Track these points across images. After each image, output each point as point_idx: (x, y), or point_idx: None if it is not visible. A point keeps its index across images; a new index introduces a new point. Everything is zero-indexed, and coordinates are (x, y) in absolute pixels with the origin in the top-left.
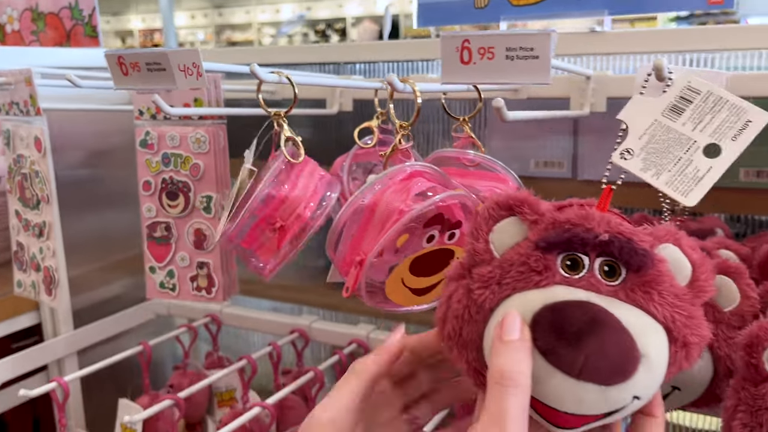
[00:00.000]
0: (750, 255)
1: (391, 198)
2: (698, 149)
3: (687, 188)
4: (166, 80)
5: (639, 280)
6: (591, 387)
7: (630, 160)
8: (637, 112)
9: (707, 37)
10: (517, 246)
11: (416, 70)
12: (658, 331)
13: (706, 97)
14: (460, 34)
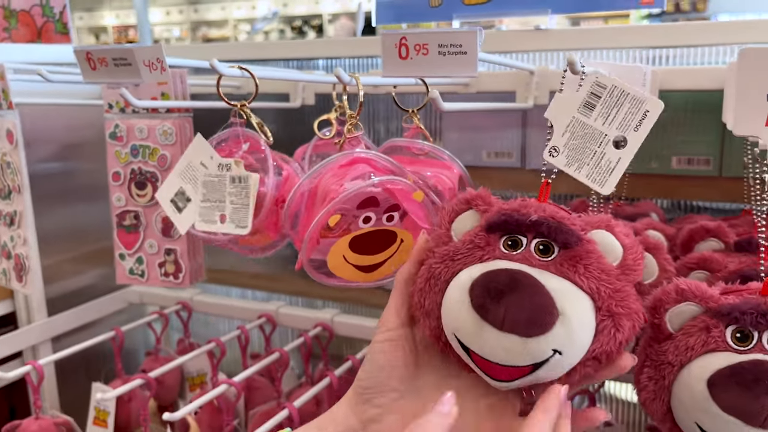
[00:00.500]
0: (675, 235)
1: (329, 181)
2: (609, 142)
3: (603, 179)
4: (132, 74)
5: (568, 256)
6: (513, 338)
7: (557, 157)
8: (559, 110)
9: (642, 34)
10: (470, 231)
11: (379, 65)
12: (581, 297)
13: (611, 91)
14: (399, 32)
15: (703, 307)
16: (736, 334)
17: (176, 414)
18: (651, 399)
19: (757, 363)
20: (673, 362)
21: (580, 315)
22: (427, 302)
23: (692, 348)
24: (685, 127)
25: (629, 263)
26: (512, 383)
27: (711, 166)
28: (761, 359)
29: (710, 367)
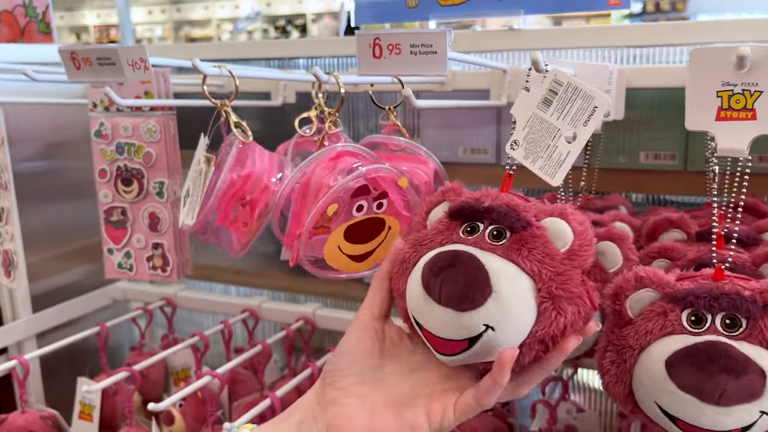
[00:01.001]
0: (641, 226)
1: (320, 174)
2: (561, 136)
3: (553, 171)
4: (115, 74)
5: (515, 240)
6: (449, 312)
7: (517, 150)
8: (522, 107)
9: (610, 34)
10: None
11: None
12: (520, 278)
13: (567, 87)
14: (373, 33)
15: (661, 293)
16: (691, 318)
17: (160, 404)
18: (613, 382)
19: (710, 344)
20: (633, 346)
21: (515, 294)
22: (400, 285)
23: (651, 332)
24: (652, 124)
25: (576, 249)
26: (454, 357)
27: (676, 161)
28: (714, 340)
29: (668, 349)
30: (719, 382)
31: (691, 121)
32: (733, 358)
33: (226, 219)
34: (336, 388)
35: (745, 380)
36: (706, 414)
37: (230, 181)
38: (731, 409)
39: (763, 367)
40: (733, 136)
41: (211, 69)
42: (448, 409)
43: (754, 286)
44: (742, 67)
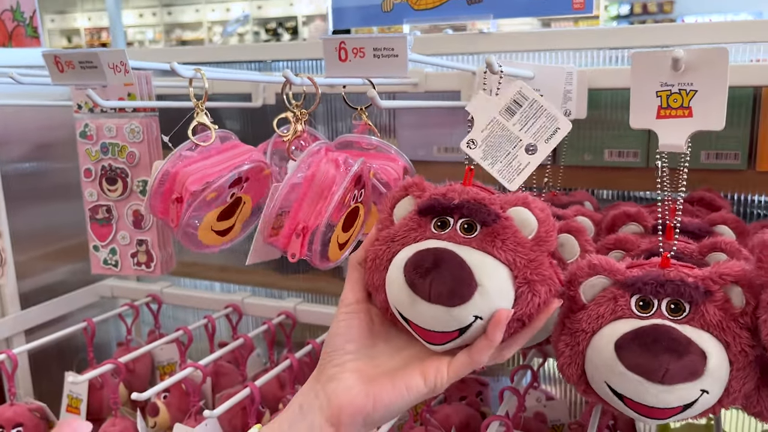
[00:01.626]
0: (602, 220)
1: (326, 168)
2: (522, 147)
3: (512, 177)
4: (97, 76)
5: (487, 232)
6: (440, 308)
7: (474, 149)
8: (482, 108)
9: (570, 37)
10: (406, 215)
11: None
12: (499, 268)
13: (532, 103)
14: (338, 37)
15: (612, 279)
16: (639, 303)
17: (143, 394)
18: (567, 364)
19: (655, 327)
20: (586, 329)
21: (497, 285)
22: (375, 279)
23: (602, 316)
24: (615, 123)
25: (542, 235)
26: (445, 346)
27: (639, 158)
28: (659, 323)
29: (617, 332)
30: (663, 362)
31: (635, 120)
32: (675, 340)
33: (165, 214)
34: (333, 366)
35: (687, 360)
36: (651, 392)
37: (163, 173)
38: (674, 388)
39: (703, 349)
40: (673, 133)
41: (189, 72)
42: (441, 368)
43: (697, 274)
44: (677, 68)
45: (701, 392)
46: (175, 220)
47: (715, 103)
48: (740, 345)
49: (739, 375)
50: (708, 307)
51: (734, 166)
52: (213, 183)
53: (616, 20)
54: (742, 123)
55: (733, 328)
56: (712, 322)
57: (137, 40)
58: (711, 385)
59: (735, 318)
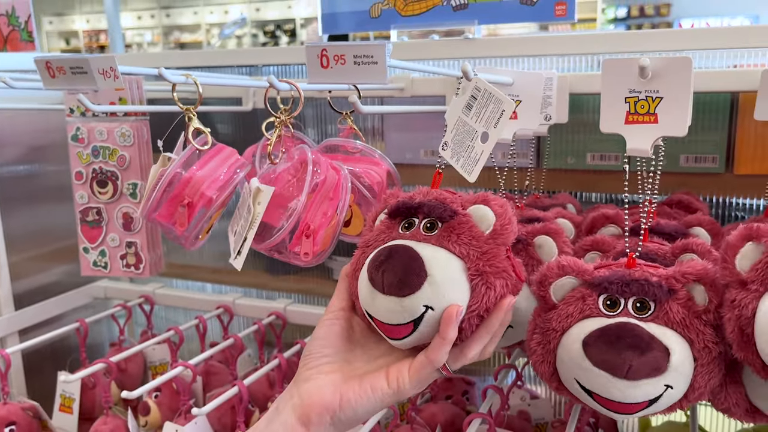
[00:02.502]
0: (582, 222)
1: (333, 174)
2: (478, 137)
3: (471, 168)
4: (87, 82)
5: (446, 228)
6: (392, 299)
7: (446, 150)
8: (452, 111)
9: (552, 42)
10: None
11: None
12: (451, 260)
13: (483, 93)
14: (320, 44)
15: (580, 279)
16: (607, 302)
17: (134, 393)
18: (540, 362)
19: (620, 325)
20: (556, 328)
21: (448, 275)
22: (353, 287)
23: (571, 315)
24: (596, 127)
25: (497, 229)
26: (405, 341)
27: (620, 161)
28: (624, 321)
29: (585, 330)
30: (626, 358)
31: (605, 125)
32: (638, 337)
33: (170, 217)
34: (309, 368)
35: (650, 357)
36: (617, 387)
37: (170, 179)
38: (639, 383)
39: (667, 345)
40: (639, 138)
41: (177, 77)
42: (402, 370)
43: (662, 273)
44: (644, 75)
45: (665, 387)
46: (185, 224)
47: (679, 110)
48: (703, 341)
49: (704, 371)
50: (671, 305)
51: (712, 169)
52: (225, 188)
53: (614, 23)
54: (720, 127)
55: (696, 325)
56: (675, 320)
57: (136, 42)
58: (675, 380)
59: (698, 315)
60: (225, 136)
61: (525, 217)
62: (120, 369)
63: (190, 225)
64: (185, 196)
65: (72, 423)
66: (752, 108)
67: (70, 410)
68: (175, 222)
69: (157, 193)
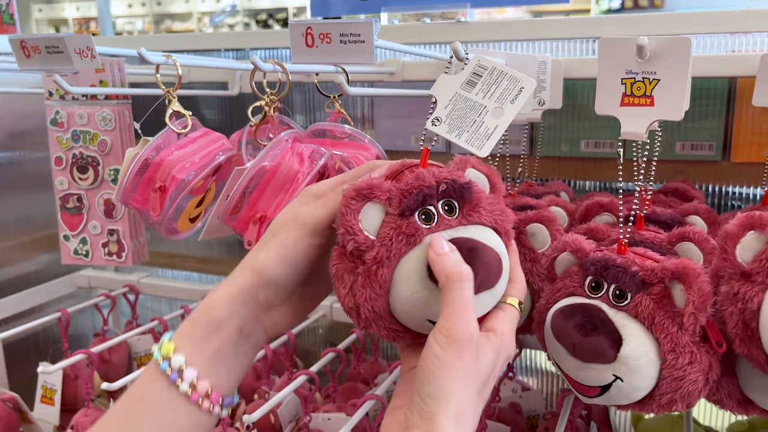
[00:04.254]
0: (576, 210)
1: (291, 162)
2: (488, 112)
3: (481, 143)
4: (63, 62)
5: (469, 207)
6: (485, 294)
7: (439, 126)
8: (443, 88)
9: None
10: (384, 223)
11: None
12: (493, 234)
13: (491, 71)
14: (305, 22)
15: (575, 257)
16: (592, 284)
17: (116, 384)
18: (537, 329)
19: (583, 305)
20: (549, 300)
21: (501, 248)
22: (376, 305)
23: (559, 290)
24: (591, 113)
25: (495, 185)
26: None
27: (614, 149)
28: (588, 303)
29: (560, 305)
30: (570, 336)
31: (599, 106)
32: (589, 318)
33: (144, 203)
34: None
35: (592, 340)
36: (571, 365)
37: (143, 162)
38: (588, 366)
39: (622, 336)
40: (634, 121)
41: (157, 58)
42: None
43: (645, 264)
44: (642, 56)
45: (614, 377)
46: (157, 209)
47: (676, 93)
48: (672, 344)
49: (671, 376)
50: (643, 299)
51: (709, 157)
52: (200, 171)
53: (608, 14)
54: (717, 114)
55: (666, 326)
56: (643, 314)
57: (126, 30)
58: (625, 373)
59: (672, 316)
60: (211, 122)
61: (518, 204)
62: (104, 360)
63: (163, 210)
64: (157, 180)
65: (54, 414)
66: (750, 94)
67: (52, 402)
68: (149, 208)
69: (129, 177)
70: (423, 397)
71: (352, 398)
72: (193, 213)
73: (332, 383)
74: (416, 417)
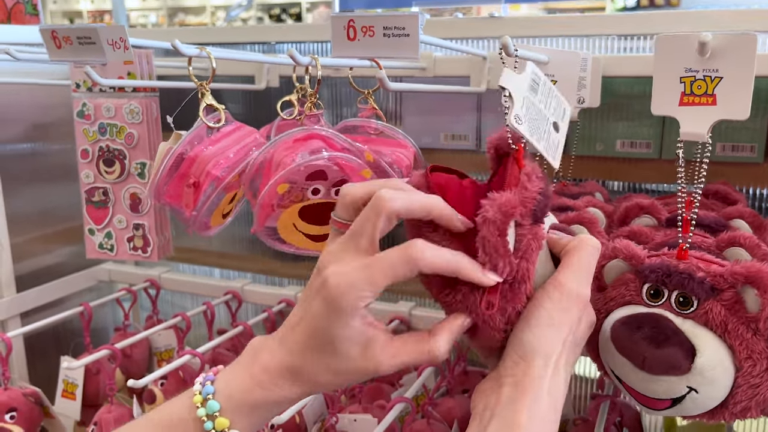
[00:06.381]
0: (613, 212)
1: (281, 153)
2: (550, 124)
3: (554, 154)
4: (96, 53)
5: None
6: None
7: (521, 125)
8: (514, 85)
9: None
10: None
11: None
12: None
13: (545, 84)
14: (347, 15)
15: (629, 264)
16: (650, 291)
17: (140, 381)
18: (587, 343)
19: (648, 314)
20: (600, 310)
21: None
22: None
23: (614, 299)
24: (628, 112)
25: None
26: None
27: (652, 149)
28: (654, 312)
29: (619, 315)
30: (641, 349)
31: (656, 106)
32: (659, 330)
33: (178, 199)
34: None
35: (666, 352)
36: (637, 377)
37: (177, 157)
38: (658, 378)
39: (695, 345)
40: (695, 121)
41: (191, 50)
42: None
43: (712, 270)
44: (703, 53)
45: (688, 389)
46: (191, 205)
47: (740, 92)
48: (748, 351)
49: (749, 383)
50: (713, 305)
51: (750, 159)
52: (235, 167)
53: (624, 11)
54: (759, 115)
55: (740, 332)
56: (715, 321)
57: (140, 23)
58: (701, 384)
59: (745, 322)
60: (236, 116)
61: (555, 205)
62: (125, 354)
63: (197, 206)
64: (191, 175)
65: (75, 409)
66: None
67: (73, 396)
68: (183, 204)
69: (163, 172)
70: (523, 345)
71: (378, 399)
72: (226, 209)
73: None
74: (514, 366)
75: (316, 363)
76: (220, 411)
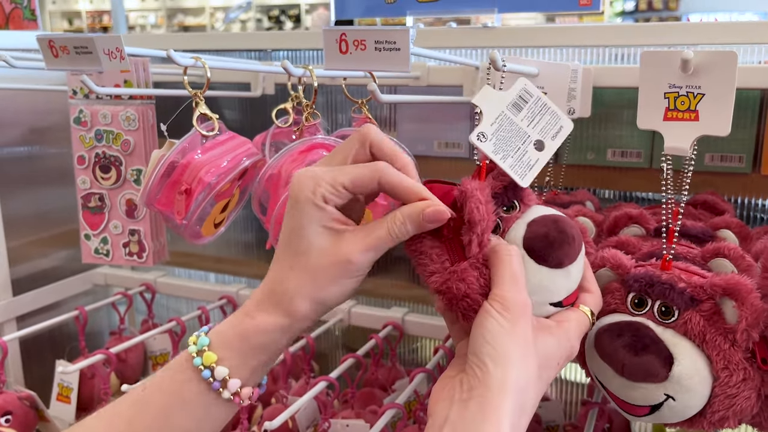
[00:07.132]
0: (603, 221)
1: (289, 167)
2: (531, 142)
3: (523, 173)
4: (92, 62)
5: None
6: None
7: (484, 143)
8: (489, 102)
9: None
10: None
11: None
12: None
13: (537, 100)
14: (339, 29)
15: (615, 273)
16: (635, 300)
17: (135, 386)
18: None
19: (629, 323)
20: None
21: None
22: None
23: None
24: (619, 122)
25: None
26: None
27: (642, 158)
28: (635, 321)
29: (602, 323)
30: (620, 356)
31: (642, 121)
32: (638, 338)
33: (170, 205)
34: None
35: (644, 359)
36: (618, 384)
37: (169, 164)
38: (637, 385)
39: (673, 354)
40: (678, 136)
41: (187, 60)
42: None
43: (692, 281)
44: (686, 70)
45: (666, 397)
46: (183, 212)
47: (721, 108)
48: (725, 361)
49: (726, 393)
50: (692, 316)
51: (739, 169)
52: (227, 175)
53: (621, 16)
54: (748, 126)
55: (718, 343)
56: (694, 331)
57: (139, 24)
58: (677, 392)
59: (723, 333)
60: (232, 123)
61: None
62: (120, 359)
63: (188, 214)
64: (183, 182)
65: (70, 413)
66: None
67: (68, 400)
68: (174, 211)
69: (155, 179)
70: (481, 357)
71: (370, 404)
72: (218, 218)
73: (351, 389)
74: (475, 378)
75: (291, 267)
76: (209, 346)
